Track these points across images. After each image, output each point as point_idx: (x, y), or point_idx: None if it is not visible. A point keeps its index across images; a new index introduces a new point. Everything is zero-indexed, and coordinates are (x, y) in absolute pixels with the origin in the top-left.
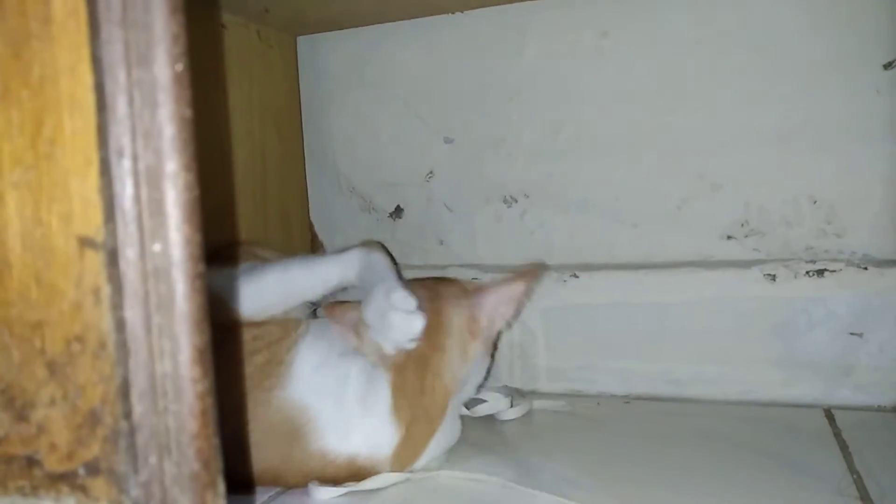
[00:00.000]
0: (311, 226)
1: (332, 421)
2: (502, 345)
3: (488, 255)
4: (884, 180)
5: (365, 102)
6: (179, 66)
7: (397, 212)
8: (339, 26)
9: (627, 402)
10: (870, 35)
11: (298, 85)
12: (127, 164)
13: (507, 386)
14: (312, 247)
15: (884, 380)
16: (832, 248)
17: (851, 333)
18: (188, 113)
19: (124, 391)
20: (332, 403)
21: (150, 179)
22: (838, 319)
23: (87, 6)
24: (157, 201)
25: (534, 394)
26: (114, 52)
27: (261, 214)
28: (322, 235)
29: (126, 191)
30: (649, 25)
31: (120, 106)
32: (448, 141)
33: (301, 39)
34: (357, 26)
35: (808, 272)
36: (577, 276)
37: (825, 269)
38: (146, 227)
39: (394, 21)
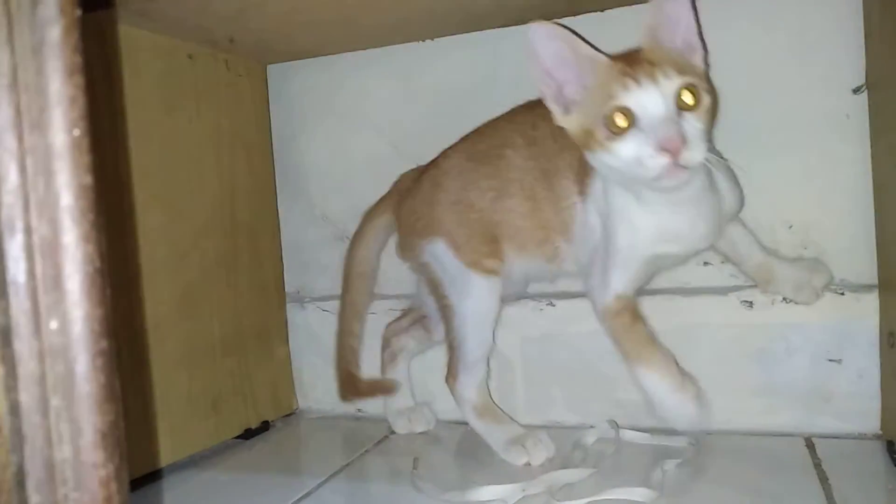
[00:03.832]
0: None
1: None
2: None
3: None
4: (859, 204)
5: (337, 130)
6: (77, 131)
7: None
8: (310, 54)
9: None
10: (839, 59)
11: (269, 113)
12: (19, 236)
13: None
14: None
15: (864, 407)
16: None
17: (830, 360)
18: (87, 180)
19: (20, 480)
20: None
21: (46, 252)
22: (816, 346)
23: None
24: (53, 276)
25: None
26: (3, 116)
27: (230, 245)
28: (295, 264)
29: (19, 265)
30: (623, 48)
31: (11, 175)
32: None
33: (271, 68)
34: (327, 54)
35: (785, 298)
36: (553, 305)
37: None
38: (42, 304)
39: (364, 49)
